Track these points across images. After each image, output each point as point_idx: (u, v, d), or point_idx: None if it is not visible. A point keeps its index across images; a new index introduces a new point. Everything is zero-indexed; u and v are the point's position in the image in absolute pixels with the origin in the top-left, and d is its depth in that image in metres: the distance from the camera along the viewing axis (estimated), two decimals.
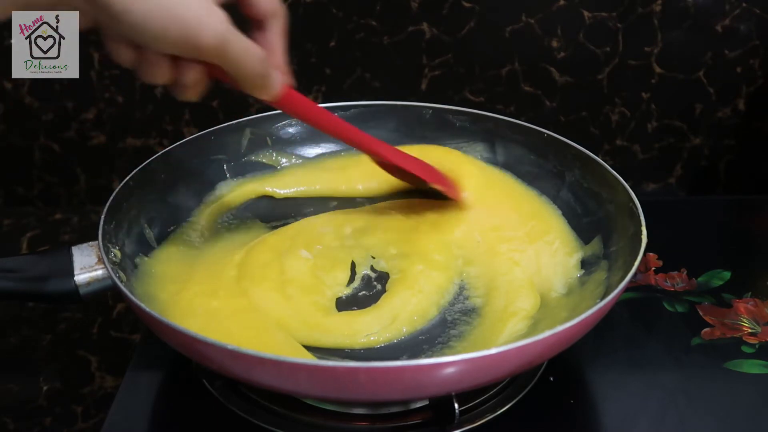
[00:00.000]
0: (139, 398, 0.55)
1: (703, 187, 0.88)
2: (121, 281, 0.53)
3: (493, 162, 0.72)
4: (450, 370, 0.45)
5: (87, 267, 0.54)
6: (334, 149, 0.74)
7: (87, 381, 0.61)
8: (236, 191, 0.69)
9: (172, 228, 0.64)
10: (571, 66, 0.81)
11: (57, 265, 0.54)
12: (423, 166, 0.64)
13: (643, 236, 0.55)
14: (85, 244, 0.55)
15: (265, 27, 0.51)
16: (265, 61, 0.48)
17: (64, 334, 0.66)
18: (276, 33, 0.51)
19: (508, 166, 0.71)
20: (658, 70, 0.82)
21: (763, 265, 0.71)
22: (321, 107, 0.58)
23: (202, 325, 0.52)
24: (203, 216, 0.66)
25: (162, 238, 0.63)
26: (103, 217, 0.56)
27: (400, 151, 0.63)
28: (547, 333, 0.46)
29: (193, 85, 0.48)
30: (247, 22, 0.51)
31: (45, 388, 0.60)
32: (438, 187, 0.64)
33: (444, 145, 0.73)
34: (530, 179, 0.69)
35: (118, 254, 0.56)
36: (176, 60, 0.46)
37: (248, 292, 0.57)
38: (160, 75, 0.46)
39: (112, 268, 0.52)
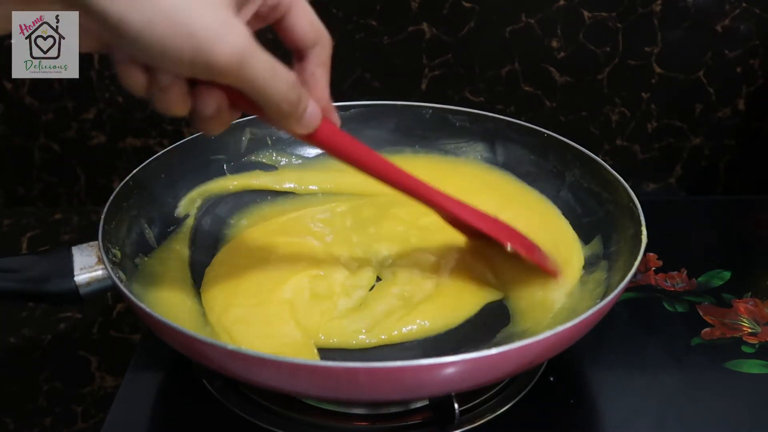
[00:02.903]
0: (139, 398, 0.55)
1: (703, 187, 0.88)
2: (121, 281, 0.53)
3: (493, 162, 0.72)
4: (450, 370, 0.45)
5: (87, 267, 0.54)
6: None
7: (87, 381, 0.61)
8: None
9: (172, 228, 0.64)
10: (571, 66, 0.81)
11: (57, 265, 0.54)
12: (502, 228, 0.57)
13: (643, 236, 0.55)
14: (85, 244, 0.55)
15: (305, 56, 0.46)
16: (296, 86, 0.43)
17: (64, 334, 0.66)
18: (318, 63, 0.47)
19: (508, 166, 0.71)
20: (658, 70, 0.82)
21: (763, 265, 0.71)
22: (370, 150, 0.51)
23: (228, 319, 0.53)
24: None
25: (162, 238, 0.63)
26: (103, 217, 0.56)
27: (469, 207, 0.56)
28: (547, 333, 0.46)
29: (214, 115, 0.43)
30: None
31: (45, 388, 0.60)
32: (528, 258, 0.56)
33: (444, 145, 0.73)
34: (530, 179, 0.69)
35: (118, 254, 0.56)
36: (193, 85, 0.41)
37: (267, 290, 0.57)
38: (174, 102, 0.41)
39: (112, 268, 0.52)
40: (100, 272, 0.54)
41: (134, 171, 0.62)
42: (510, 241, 0.56)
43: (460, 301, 0.58)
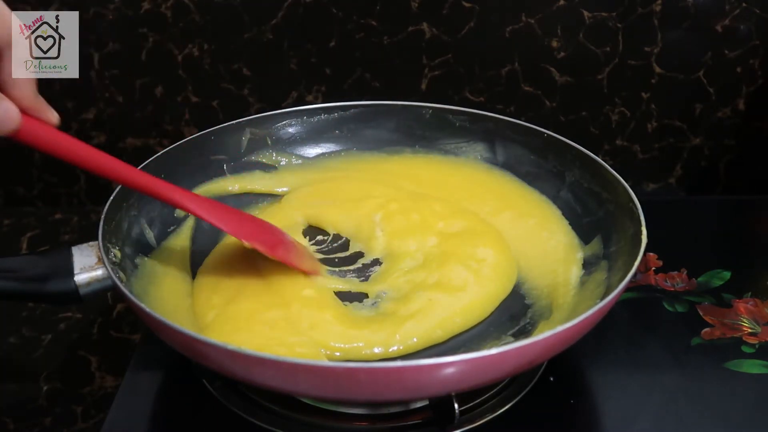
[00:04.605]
0: (139, 398, 0.55)
1: (702, 187, 0.88)
2: (121, 281, 0.53)
3: (493, 162, 0.72)
4: (450, 370, 0.45)
5: (87, 267, 0.54)
6: (334, 149, 0.74)
7: (87, 381, 0.61)
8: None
9: (172, 228, 0.64)
10: (571, 66, 0.81)
11: (57, 265, 0.54)
12: (245, 223, 0.58)
13: (643, 236, 0.55)
14: (85, 244, 0.55)
15: (2, 57, 0.45)
16: None
17: (64, 334, 0.66)
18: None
19: (508, 166, 0.71)
20: (658, 70, 0.82)
21: (763, 265, 0.71)
22: (87, 147, 0.51)
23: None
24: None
25: (162, 238, 0.63)
26: (103, 217, 0.56)
27: (197, 198, 0.57)
28: (547, 333, 0.46)
29: None
30: None
31: (45, 388, 0.60)
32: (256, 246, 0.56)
33: (444, 145, 0.73)
34: (530, 179, 0.69)
35: (118, 254, 0.56)
36: None
37: (281, 294, 0.57)
38: None
39: (112, 268, 0.52)
40: (100, 272, 0.54)
41: None
42: (249, 238, 0.56)
43: (481, 299, 0.57)
